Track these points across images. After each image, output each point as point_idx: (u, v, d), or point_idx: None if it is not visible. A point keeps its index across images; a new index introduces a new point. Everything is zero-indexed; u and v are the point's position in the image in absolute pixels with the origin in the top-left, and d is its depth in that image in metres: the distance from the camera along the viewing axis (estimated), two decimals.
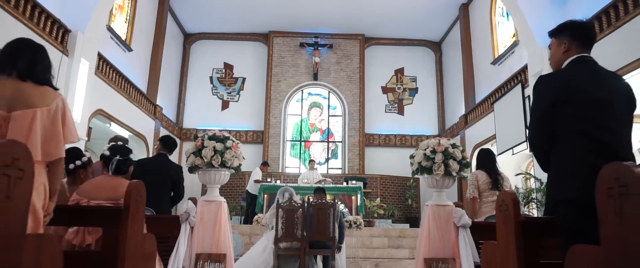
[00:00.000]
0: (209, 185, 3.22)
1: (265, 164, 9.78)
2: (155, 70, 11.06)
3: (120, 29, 9.75)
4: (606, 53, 6.51)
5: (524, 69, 8.41)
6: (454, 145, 3.13)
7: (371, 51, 13.35)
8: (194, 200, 3.08)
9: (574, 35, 1.96)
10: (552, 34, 2.07)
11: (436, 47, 13.48)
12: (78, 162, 2.53)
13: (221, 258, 3.04)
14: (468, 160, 3.16)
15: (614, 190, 1.42)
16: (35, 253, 1.43)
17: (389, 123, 12.96)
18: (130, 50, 9.94)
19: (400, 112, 13.14)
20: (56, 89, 1.83)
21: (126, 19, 10.03)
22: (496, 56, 10.16)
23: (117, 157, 2.35)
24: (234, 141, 3.24)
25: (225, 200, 3.27)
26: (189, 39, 13.25)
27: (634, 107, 1.88)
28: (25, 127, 1.68)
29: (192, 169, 3.19)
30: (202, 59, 13.20)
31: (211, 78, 13.17)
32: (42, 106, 1.73)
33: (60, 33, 7.23)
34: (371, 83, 13.11)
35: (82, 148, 5.08)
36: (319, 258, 5.21)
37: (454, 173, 3.06)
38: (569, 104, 1.80)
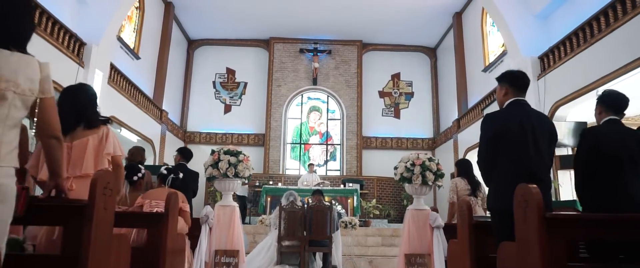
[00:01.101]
0: (224, 192, 3.85)
1: None
2: (161, 76, 11.67)
3: (129, 38, 10.37)
4: (582, 68, 7.15)
5: None
6: (430, 159, 3.77)
7: (368, 57, 13.97)
8: (211, 206, 3.71)
9: (511, 82, 2.58)
10: (497, 79, 2.69)
11: (431, 52, 14.11)
12: (139, 175, 3.20)
13: (235, 253, 3.68)
14: (443, 171, 3.79)
15: (521, 203, 2.05)
16: (118, 249, 2.07)
17: (386, 126, 13.59)
18: (138, 58, 10.55)
19: (397, 115, 13.76)
20: (105, 120, 2.44)
21: (134, 28, 10.64)
22: (487, 64, 10.78)
23: (171, 176, 3.06)
24: (245, 155, 3.87)
25: (237, 205, 3.90)
26: (193, 45, 13.86)
27: (555, 140, 2.51)
28: (83, 149, 2.31)
29: (210, 179, 3.81)
30: (206, 64, 13.81)
31: (214, 83, 13.79)
32: (93, 135, 2.36)
33: (77, 46, 7.84)
34: (368, 87, 13.74)
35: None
36: (318, 255, 5.85)
37: (430, 183, 3.69)
38: (504, 138, 2.43)
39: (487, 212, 2.70)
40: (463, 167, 4.79)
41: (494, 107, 10.15)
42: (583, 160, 2.46)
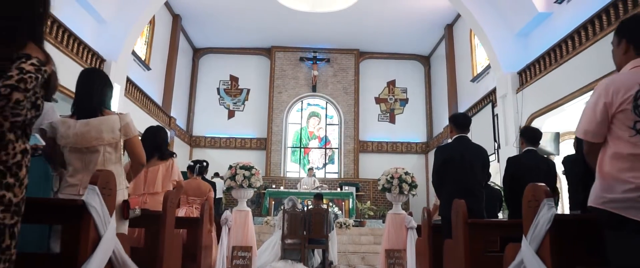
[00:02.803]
0: (240, 199, 4.84)
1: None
2: (169, 84, 12.64)
3: (141, 50, 11.34)
4: (556, 83, 8.06)
5: (494, 91, 10.00)
6: (406, 173, 4.76)
7: (365, 64, 14.95)
8: (230, 211, 4.70)
9: (455, 124, 3.57)
10: (448, 120, 3.67)
11: (425, 60, 15.08)
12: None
13: (249, 249, 4.68)
14: (416, 182, 4.78)
15: (455, 212, 3.03)
16: (177, 244, 3.05)
17: (382, 131, 14.58)
18: (149, 69, 11.52)
19: (392, 121, 14.75)
20: (171, 154, 3.43)
21: (145, 41, 11.61)
22: (475, 74, 11.75)
23: (198, 166, 4.06)
24: (256, 169, 4.85)
25: (250, 209, 4.90)
26: (198, 53, 14.84)
27: (487, 165, 3.50)
28: (155, 174, 3.29)
29: (228, 189, 4.80)
30: (210, 72, 14.78)
31: (218, 89, 14.77)
32: (163, 164, 3.35)
33: (97, 62, 8.81)
34: (365, 94, 14.71)
35: None
36: (316, 252, 6.85)
37: (405, 192, 4.68)
38: (450, 164, 3.42)
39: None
40: None
41: (479, 116, 11.06)
42: (507, 180, 3.45)
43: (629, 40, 1.80)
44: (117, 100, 9.08)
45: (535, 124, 8.84)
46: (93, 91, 2.42)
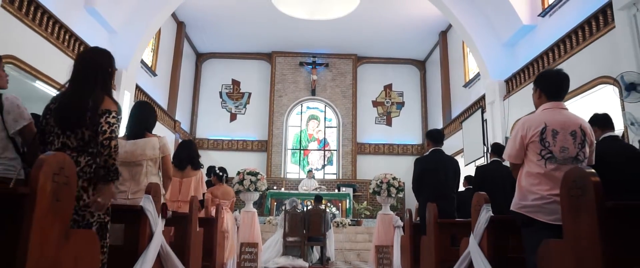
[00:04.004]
0: (247, 201, 5.54)
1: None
2: (174, 89, 13.32)
3: (148, 58, 12.02)
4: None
5: (484, 97, 10.68)
6: (394, 178, 5.46)
7: (363, 69, 15.64)
8: (238, 211, 5.40)
9: (431, 139, 4.27)
10: (426, 135, 4.37)
11: (421, 65, 15.77)
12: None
13: (255, 245, 5.38)
14: (403, 187, 5.48)
15: (429, 213, 3.72)
16: (200, 240, 3.75)
17: (379, 133, 15.28)
18: (155, 75, 12.20)
19: (389, 123, 15.45)
20: (201, 166, 4.14)
21: (152, 49, 12.28)
22: (467, 80, 12.43)
23: (225, 175, 4.76)
24: (261, 174, 5.55)
25: (256, 211, 5.60)
26: (201, 58, 15.52)
27: (458, 174, 4.20)
28: (189, 185, 3.99)
29: (237, 192, 5.50)
30: (213, 76, 15.47)
31: (221, 93, 15.45)
32: (194, 176, 4.05)
33: None
34: (363, 97, 15.41)
35: None
36: (315, 249, 7.56)
37: (393, 195, 5.38)
38: (426, 173, 4.12)
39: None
40: None
41: (470, 121, 11.76)
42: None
43: (542, 89, 2.51)
44: (128, 107, 9.77)
45: None
46: (141, 119, 3.13)
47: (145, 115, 3.19)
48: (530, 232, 2.35)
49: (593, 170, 1.77)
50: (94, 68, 2.32)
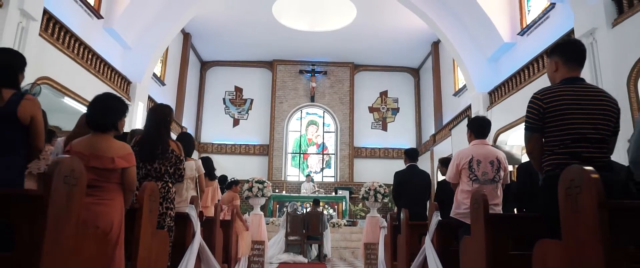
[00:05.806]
0: (255, 205, 6.62)
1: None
2: (180, 96, 14.39)
3: (157, 69, 13.08)
4: (519, 102, 9.76)
5: (470, 107, 11.74)
6: (380, 185, 6.54)
7: (360, 76, 16.72)
8: (248, 214, 6.48)
9: (408, 156, 5.34)
10: (404, 153, 5.44)
11: (415, 72, 16.85)
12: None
13: (262, 243, 6.46)
14: (388, 193, 6.56)
15: (403, 218, 4.79)
16: (220, 237, 4.84)
17: (375, 138, 16.36)
18: (164, 84, 13.27)
19: (384, 128, 16.53)
20: (216, 177, 5.20)
21: (161, 60, 13.35)
22: (456, 89, 13.49)
23: (231, 180, 5.83)
24: (268, 182, 6.63)
25: (263, 213, 6.68)
26: (205, 66, 16.59)
27: (429, 186, 5.28)
28: (207, 193, 5.06)
29: (246, 198, 6.57)
30: (217, 83, 16.54)
31: (224, 99, 16.53)
32: (212, 187, 5.12)
33: (125, 84, 10.56)
34: (359, 104, 16.49)
35: None
36: (314, 247, 8.65)
37: (379, 200, 6.46)
38: (404, 184, 5.19)
39: None
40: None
41: (457, 129, 12.97)
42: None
43: (471, 130, 3.60)
44: (141, 117, 10.84)
45: (501, 138, 10.61)
46: (187, 148, 4.23)
47: (189, 144, 4.27)
48: (462, 231, 3.43)
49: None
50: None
